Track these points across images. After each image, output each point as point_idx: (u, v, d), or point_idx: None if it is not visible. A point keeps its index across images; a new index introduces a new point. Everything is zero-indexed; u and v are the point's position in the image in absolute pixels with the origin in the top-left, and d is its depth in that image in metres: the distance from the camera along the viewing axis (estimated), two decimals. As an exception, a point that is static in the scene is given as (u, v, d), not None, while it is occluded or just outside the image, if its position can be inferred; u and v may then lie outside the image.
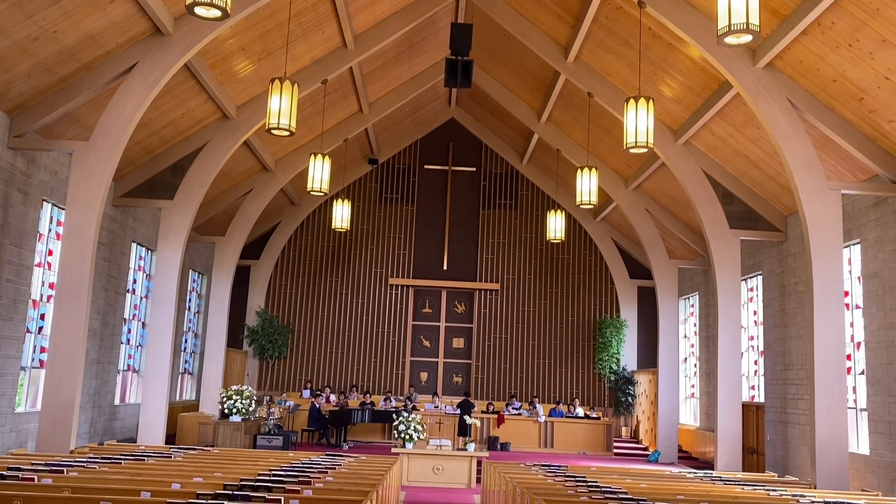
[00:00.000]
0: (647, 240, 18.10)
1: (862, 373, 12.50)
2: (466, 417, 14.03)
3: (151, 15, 10.73)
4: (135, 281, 16.35)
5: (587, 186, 14.11)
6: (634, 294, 21.29)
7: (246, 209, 17.77)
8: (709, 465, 16.25)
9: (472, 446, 13.01)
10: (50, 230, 12.88)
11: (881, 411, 11.78)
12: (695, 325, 19.76)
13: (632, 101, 9.77)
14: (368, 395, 19.22)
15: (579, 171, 14.25)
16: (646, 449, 18.92)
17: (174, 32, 11.26)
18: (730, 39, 7.56)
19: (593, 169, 14.18)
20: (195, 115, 14.07)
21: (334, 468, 8.99)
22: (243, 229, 17.75)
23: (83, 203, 10.97)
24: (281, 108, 9.88)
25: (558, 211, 17.61)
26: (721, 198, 14.89)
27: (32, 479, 6.35)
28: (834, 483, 10.80)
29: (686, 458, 18.16)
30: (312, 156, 14.11)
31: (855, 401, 12.65)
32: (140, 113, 11.25)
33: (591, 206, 14.78)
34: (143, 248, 16.63)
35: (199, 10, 7.29)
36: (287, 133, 10.04)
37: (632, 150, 9.84)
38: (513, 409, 19.07)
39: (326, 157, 14.14)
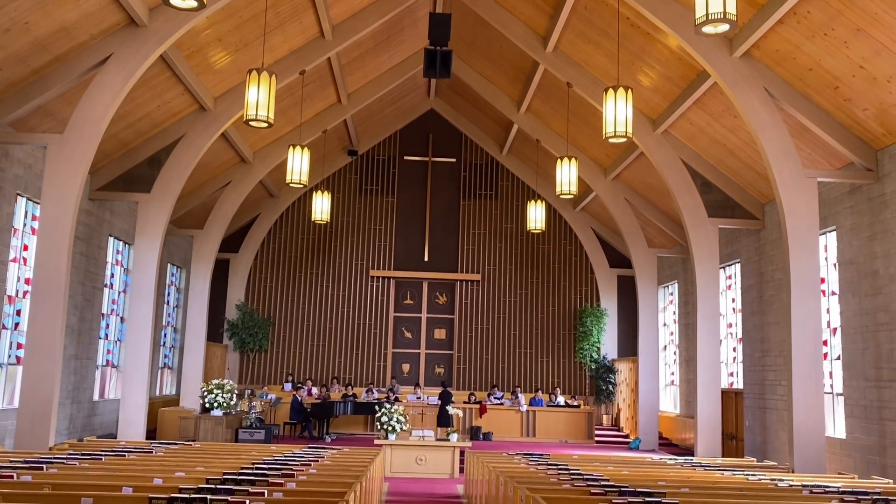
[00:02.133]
0: (627, 229, 18.20)
1: (838, 358, 12.71)
2: (449, 408, 14.07)
3: (126, 5, 10.58)
4: (112, 275, 16.19)
5: (567, 177, 14.16)
6: (614, 283, 21.42)
7: (224, 202, 17.64)
8: (689, 451, 16.44)
9: (454, 436, 13.05)
10: (25, 225, 12.70)
11: (857, 395, 11.98)
12: (674, 313, 19.94)
13: (611, 90, 9.81)
14: (350, 387, 19.20)
15: (559, 161, 14.28)
16: (627, 436, 19.09)
17: (149, 23, 11.12)
18: (707, 29, 7.60)
19: (573, 159, 14.22)
20: (171, 107, 13.92)
21: (317, 461, 8.99)
22: (222, 222, 17.62)
23: (58, 197, 10.83)
24: (259, 99, 9.80)
25: (538, 201, 17.65)
26: (699, 187, 14.99)
27: (11, 477, 6.28)
28: (811, 467, 10.98)
29: (667, 444, 18.35)
30: (291, 147, 14.02)
31: (831, 386, 12.85)
32: (115, 105, 11.11)
33: (571, 197, 14.84)
34: (121, 242, 16.47)
35: (174, 1, 7.20)
36: (265, 124, 9.97)
37: (611, 140, 9.88)
38: (495, 398, 19.15)
39: (305, 149, 14.06)
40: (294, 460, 8.67)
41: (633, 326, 20.33)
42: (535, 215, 17.44)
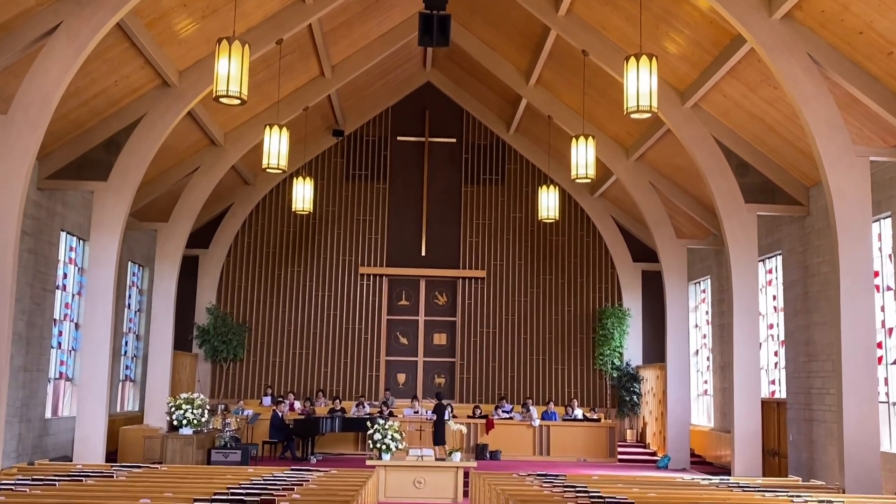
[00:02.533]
0: (652, 217, 18.19)
1: (895, 362, 12.70)
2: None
3: (76, -34, 10.55)
4: (65, 275, 16.17)
5: (583, 158, 14.14)
6: (638, 279, 21.42)
7: (192, 190, 17.62)
8: (725, 470, 16.46)
9: (457, 455, 13.07)
10: (-36, 219, 12.68)
11: (916, 405, 11.97)
12: (707, 312, 19.94)
13: (632, 59, 9.78)
14: (338, 400, 19.21)
15: (574, 140, 14.26)
16: (654, 454, 19.12)
17: (103, -14, 11.08)
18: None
19: (590, 138, 14.20)
20: (131, 82, 13.89)
21: (301, 484, 9.00)
22: (190, 214, 17.60)
23: (2, 186, 10.81)
24: (230, 72, 9.80)
25: (551, 186, 17.63)
26: (735, 168, 14.97)
27: (-48, 506, 6.28)
28: (865, 486, 10.98)
29: (699, 462, 18.37)
30: (268, 127, 14.00)
31: (887, 394, 12.85)
32: (66, 81, 11.08)
33: (589, 181, 14.82)
34: (74, 238, 16.45)
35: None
36: (238, 101, 9.97)
37: (633, 116, 9.86)
38: (503, 412, 19.17)
39: (284, 129, 14.04)
40: (275, 484, 8.68)
41: (660, 328, 20.33)
42: (548, 203, 17.42)
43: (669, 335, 18.13)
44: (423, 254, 21.51)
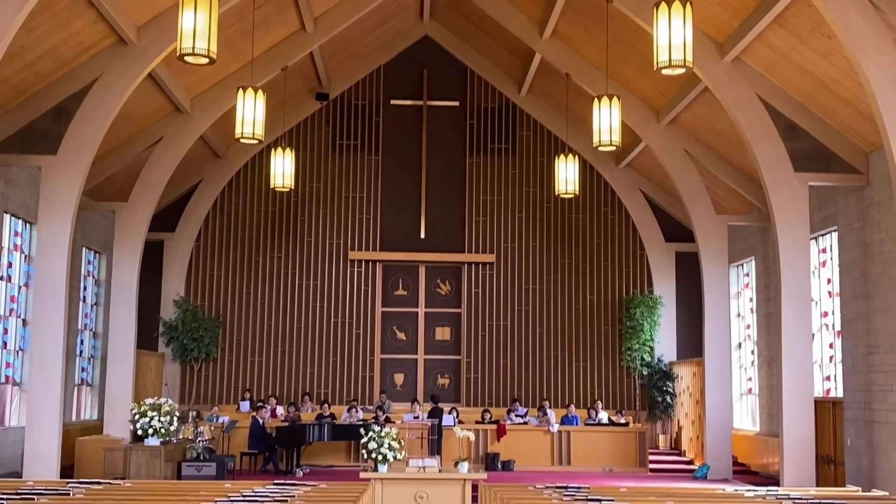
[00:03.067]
0: (687, 190, 18.15)
1: (968, 354, 12.70)
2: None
3: None
4: (10, 265, 16.20)
5: (607, 122, 14.06)
6: (672, 262, 21.41)
7: (155, 165, 17.60)
8: (773, 480, 16.51)
9: (464, 466, 13.09)
10: None
11: None
12: (751, 299, 19.93)
13: (663, 5, 9.72)
14: (327, 405, 19.26)
15: (596, 101, 14.18)
16: (690, 462, 19.18)
17: (48, -72, 11.04)
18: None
19: (614, 98, 14.12)
20: (82, 40, 13.84)
21: (286, 501, 9.02)
22: (152, 192, 17.59)
23: (-65, 162, 10.80)
24: (196, 27, 9.74)
25: (570, 156, 17.58)
26: (782, 132, 14.92)
27: None
28: (934, 497, 11.00)
29: (743, 472, 18.43)
30: (241, 91, 13.95)
31: (959, 391, 12.85)
32: (6, 39, 11.02)
33: (613, 149, 14.76)
34: (20, 221, 16.46)
35: None
36: (205, 60, 9.93)
37: (664, 72, 9.81)
38: (516, 416, 19.22)
39: (260, 93, 14.00)
40: (255, 502, 8.71)
41: (696, 319, 20.32)
42: (566, 175, 17.38)
43: (707, 326, 18.13)
44: (423, 236, 21.50)
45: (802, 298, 14.78)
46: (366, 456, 13.19)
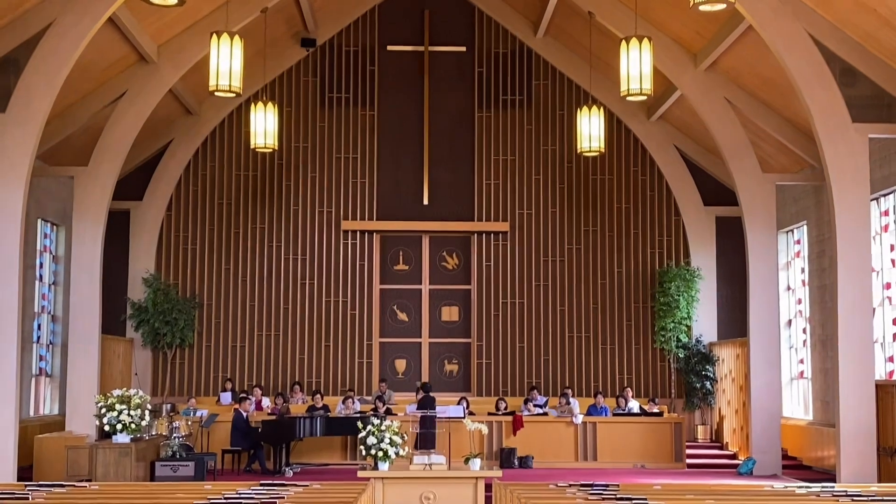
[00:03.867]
0: (729, 146, 18.07)
1: None
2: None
3: None
4: (-44, 240, 16.21)
5: (636, 68, 13.99)
6: (712, 228, 21.38)
7: (118, 123, 17.57)
8: (829, 475, 16.55)
9: (476, 463, 13.15)
10: None
11: None
12: (803, 270, 19.90)
13: (701, -70, 9.63)
14: (319, 396, 19.33)
15: (624, 44, 14.11)
16: (734, 456, 19.23)
17: None
18: None
19: (645, 40, 14.04)
20: (31, -20, 13.80)
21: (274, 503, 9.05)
22: (116, 155, 17.58)
23: None
24: (163, -38, 9.69)
25: (594, 108, 17.52)
26: (838, 76, 14.82)
27: None
28: None
29: (795, 466, 18.48)
30: (215, 36, 13.89)
31: None
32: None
33: (644, 98, 14.69)
34: (-34, 190, 16.45)
35: None
36: (174, 2, 9.86)
37: (702, 9, 9.75)
38: (535, 406, 19.26)
39: (237, 39, 13.95)
40: (239, 504, 8.75)
41: (740, 293, 20.31)
42: (590, 130, 17.33)
43: (752, 301, 18.10)
44: (426, 202, 21.47)
45: (862, 268, 14.73)
46: (364, 453, 13.26)
